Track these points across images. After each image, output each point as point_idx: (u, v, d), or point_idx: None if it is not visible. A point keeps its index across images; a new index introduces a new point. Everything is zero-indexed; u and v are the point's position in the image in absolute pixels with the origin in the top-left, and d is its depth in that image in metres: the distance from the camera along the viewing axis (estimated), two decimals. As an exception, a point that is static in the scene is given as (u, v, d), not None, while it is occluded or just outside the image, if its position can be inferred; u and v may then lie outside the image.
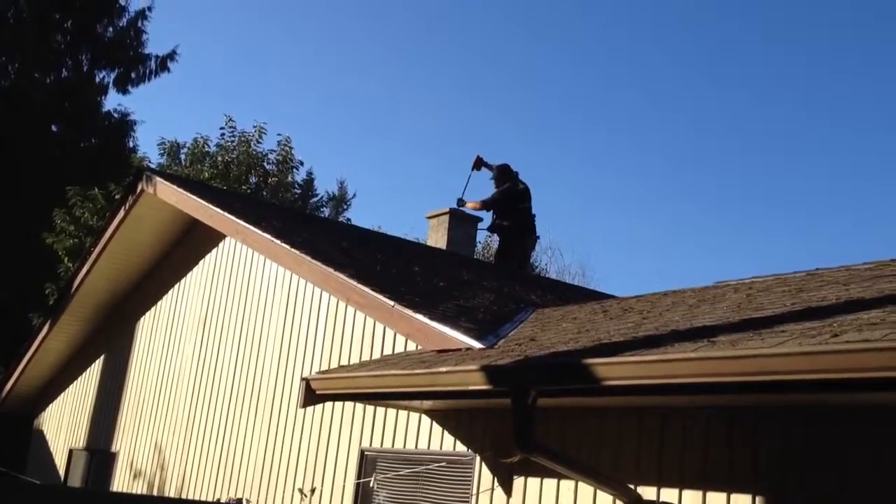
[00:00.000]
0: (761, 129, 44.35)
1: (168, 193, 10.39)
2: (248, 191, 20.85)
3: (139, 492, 10.23)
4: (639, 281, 43.81)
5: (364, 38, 52.27)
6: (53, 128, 22.87)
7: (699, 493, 4.73)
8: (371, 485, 6.93)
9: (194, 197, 9.99)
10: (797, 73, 43.08)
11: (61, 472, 12.71)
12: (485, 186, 12.65)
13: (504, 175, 12.20)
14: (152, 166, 20.91)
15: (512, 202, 12.10)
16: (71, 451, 12.72)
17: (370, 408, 7.16)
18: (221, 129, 21.59)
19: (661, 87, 47.40)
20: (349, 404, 7.34)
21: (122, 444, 11.19)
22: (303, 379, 6.19)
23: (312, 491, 7.33)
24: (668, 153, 47.01)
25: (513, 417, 4.68)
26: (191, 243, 11.04)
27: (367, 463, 7.12)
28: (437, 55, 52.12)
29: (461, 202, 12.22)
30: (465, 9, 49.14)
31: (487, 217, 12.48)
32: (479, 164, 12.39)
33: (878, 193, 40.41)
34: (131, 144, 24.37)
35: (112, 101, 25.84)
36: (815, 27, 42.65)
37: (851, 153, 41.82)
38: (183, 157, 22.37)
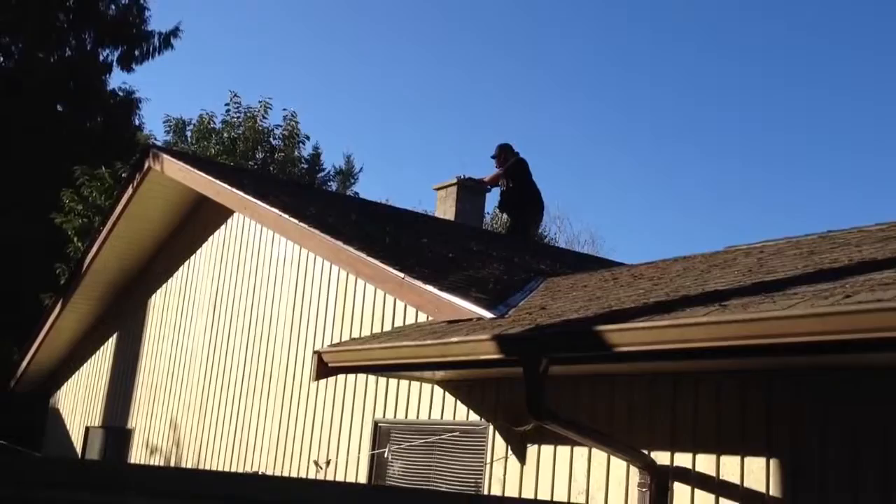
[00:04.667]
0: (772, 106, 43.99)
1: (175, 170, 10.38)
2: (255, 166, 20.82)
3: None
4: (649, 248, 43.73)
5: (368, 12, 51.92)
6: (58, 107, 22.84)
7: (713, 457, 4.74)
8: (385, 455, 6.97)
9: (201, 173, 9.98)
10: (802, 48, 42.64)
11: (78, 449, 12.82)
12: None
13: (507, 152, 12.56)
14: (159, 144, 20.87)
15: (525, 173, 12.42)
16: (87, 429, 12.82)
17: (383, 379, 7.18)
18: (227, 105, 21.53)
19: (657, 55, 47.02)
20: (362, 376, 7.37)
21: (138, 421, 11.27)
22: (315, 352, 6.19)
23: (328, 463, 7.38)
24: (671, 126, 46.70)
25: (525, 386, 4.69)
26: (200, 220, 11.05)
27: (381, 434, 7.15)
28: (440, 29, 51.77)
29: (479, 181, 12.38)
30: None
31: (494, 194, 12.68)
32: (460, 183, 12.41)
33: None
34: (137, 122, 24.38)
35: (116, 80, 25.73)
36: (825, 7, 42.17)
37: (850, 123, 41.42)
38: (189, 133, 22.32)
